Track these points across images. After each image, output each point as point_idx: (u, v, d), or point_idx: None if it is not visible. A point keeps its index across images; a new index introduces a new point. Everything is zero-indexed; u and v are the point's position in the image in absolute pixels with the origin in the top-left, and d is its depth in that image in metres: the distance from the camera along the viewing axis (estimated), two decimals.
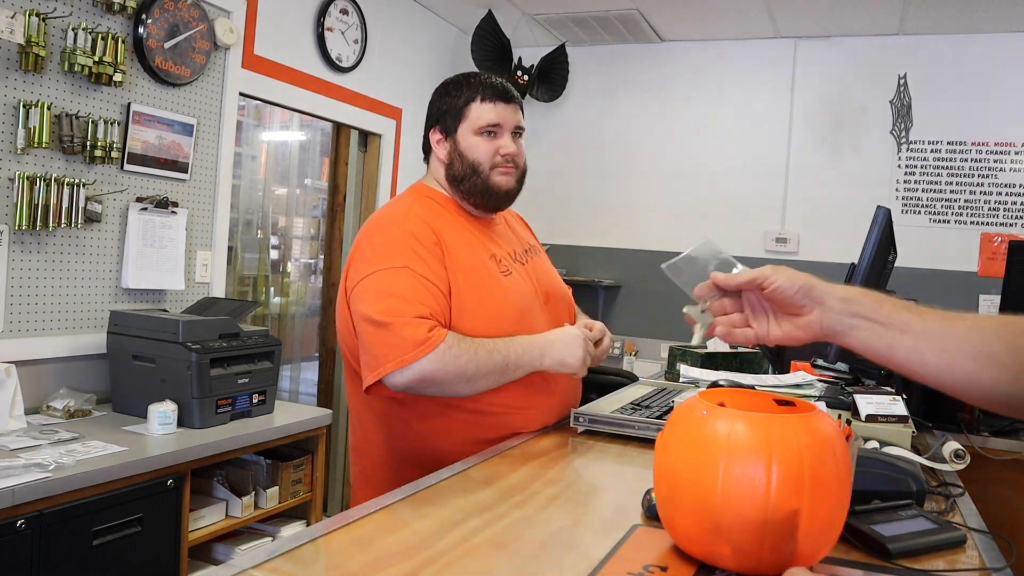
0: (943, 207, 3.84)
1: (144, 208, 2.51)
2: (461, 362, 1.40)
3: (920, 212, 3.87)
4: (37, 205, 2.17)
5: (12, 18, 2.03)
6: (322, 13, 3.29)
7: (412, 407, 1.52)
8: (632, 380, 2.59)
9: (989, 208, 3.76)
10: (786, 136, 4.10)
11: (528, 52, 4.21)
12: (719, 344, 3.20)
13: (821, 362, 2.02)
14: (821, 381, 1.92)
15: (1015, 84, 3.71)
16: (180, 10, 2.56)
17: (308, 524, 2.52)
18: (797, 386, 1.86)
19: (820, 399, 1.70)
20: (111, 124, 2.36)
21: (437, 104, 1.64)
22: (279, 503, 2.43)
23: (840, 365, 1.95)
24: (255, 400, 2.38)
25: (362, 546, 0.94)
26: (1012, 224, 3.72)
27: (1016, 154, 3.72)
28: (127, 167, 2.46)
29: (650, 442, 1.44)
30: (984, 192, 3.77)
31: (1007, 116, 3.72)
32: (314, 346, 3.91)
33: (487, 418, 1.52)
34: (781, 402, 0.95)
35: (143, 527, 1.91)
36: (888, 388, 1.68)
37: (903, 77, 3.88)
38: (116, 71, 2.34)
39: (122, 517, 1.86)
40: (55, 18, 2.20)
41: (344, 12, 3.41)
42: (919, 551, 0.96)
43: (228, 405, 2.29)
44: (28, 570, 1.65)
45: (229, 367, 2.29)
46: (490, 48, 4.06)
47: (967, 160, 3.79)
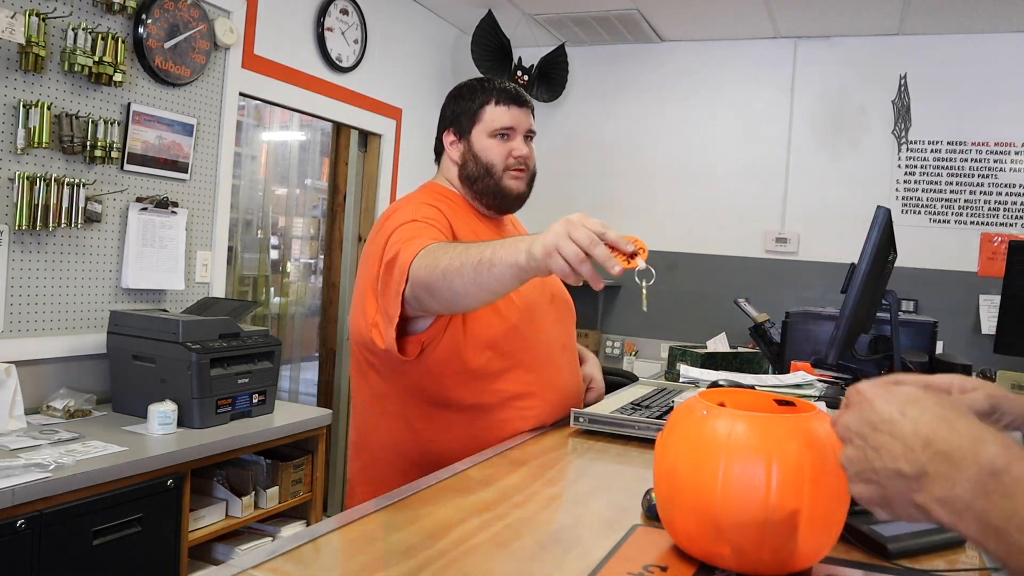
0: (943, 207, 3.84)
1: (144, 208, 2.51)
2: (438, 254, 1.30)
3: (920, 212, 3.87)
4: (37, 205, 2.17)
5: (12, 18, 2.03)
6: (322, 13, 3.29)
7: (415, 404, 1.52)
8: (632, 380, 2.59)
9: (989, 208, 3.76)
10: (786, 136, 4.10)
11: (528, 52, 4.21)
12: (719, 344, 3.20)
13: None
14: (821, 381, 1.92)
15: (1015, 84, 3.71)
16: (180, 10, 2.56)
17: (308, 524, 2.52)
18: (797, 386, 1.86)
19: (820, 399, 1.70)
20: (111, 124, 2.36)
21: (451, 107, 1.67)
22: (279, 503, 2.43)
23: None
24: (255, 400, 2.38)
25: (362, 546, 0.94)
26: (1012, 224, 3.72)
27: (1016, 154, 3.72)
28: (127, 167, 2.46)
29: (650, 442, 1.44)
30: (984, 192, 3.77)
31: (1007, 116, 3.72)
32: (314, 346, 3.91)
33: (487, 414, 1.52)
34: (781, 402, 0.95)
35: (143, 527, 1.91)
36: None
37: (903, 77, 3.88)
38: (116, 71, 2.34)
39: (122, 517, 1.86)
40: (55, 18, 2.20)
41: (344, 12, 3.41)
42: (919, 551, 0.96)
43: (228, 405, 2.29)
44: (28, 570, 1.65)
45: (229, 367, 2.29)
46: (490, 48, 4.06)
47: (967, 160, 3.79)
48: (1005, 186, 3.74)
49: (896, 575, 0.91)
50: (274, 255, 4.00)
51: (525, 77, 4.18)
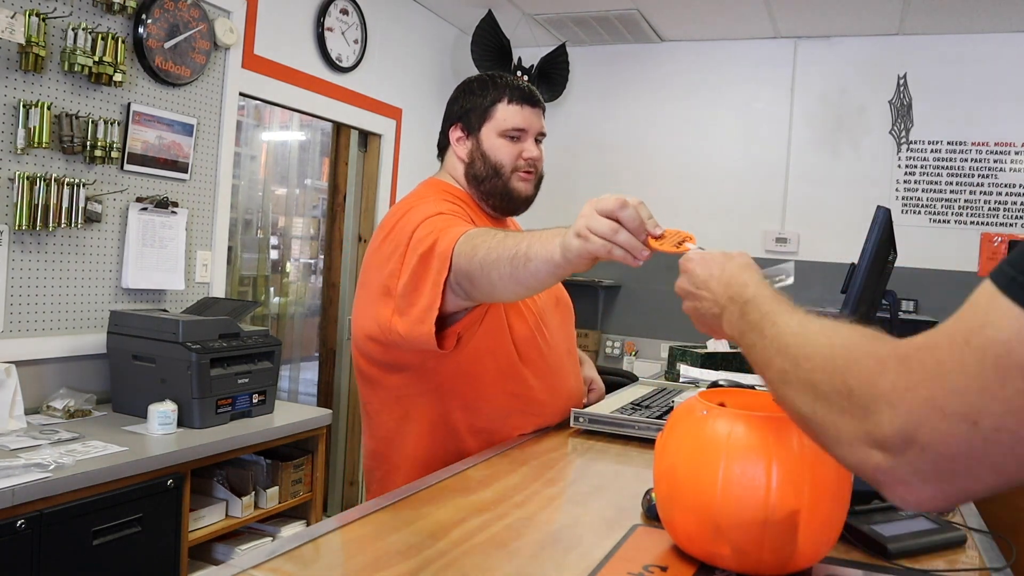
0: (943, 207, 3.84)
1: (144, 208, 2.51)
2: (476, 242, 1.27)
3: (920, 212, 3.87)
4: (37, 205, 2.17)
5: (12, 18, 2.03)
6: (322, 13, 3.29)
7: (435, 403, 1.48)
8: (632, 380, 2.59)
9: (989, 208, 3.76)
10: (786, 136, 4.10)
11: (528, 52, 4.21)
12: (719, 344, 3.20)
13: None
14: None
15: (1015, 84, 3.71)
16: (180, 10, 2.56)
17: (308, 524, 2.52)
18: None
19: None
20: (111, 124, 2.36)
21: (460, 101, 1.60)
22: (279, 503, 2.43)
23: None
24: (255, 400, 2.38)
25: (362, 546, 0.94)
26: (1012, 224, 3.72)
27: (1016, 154, 3.72)
28: (127, 167, 2.45)
29: (650, 442, 1.44)
30: (984, 192, 3.77)
31: (1007, 116, 3.72)
32: (314, 346, 3.91)
33: (506, 417, 1.51)
34: None
35: (143, 527, 1.91)
36: None
37: (903, 77, 3.88)
38: (116, 71, 2.34)
39: (122, 517, 1.86)
40: (55, 18, 2.20)
41: (344, 12, 3.41)
42: (919, 551, 0.96)
43: (228, 405, 2.29)
44: (28, 570, 1.65)
45: (229, 367, 2.29)
46: (490, 48, 4.06)
47: (967, 160, 3.79)
48: (1005, 186, 3.74)
49: (896, 575, 0.91)
50: (274, 255, 4.00)
51: (525, 77, 4.18)
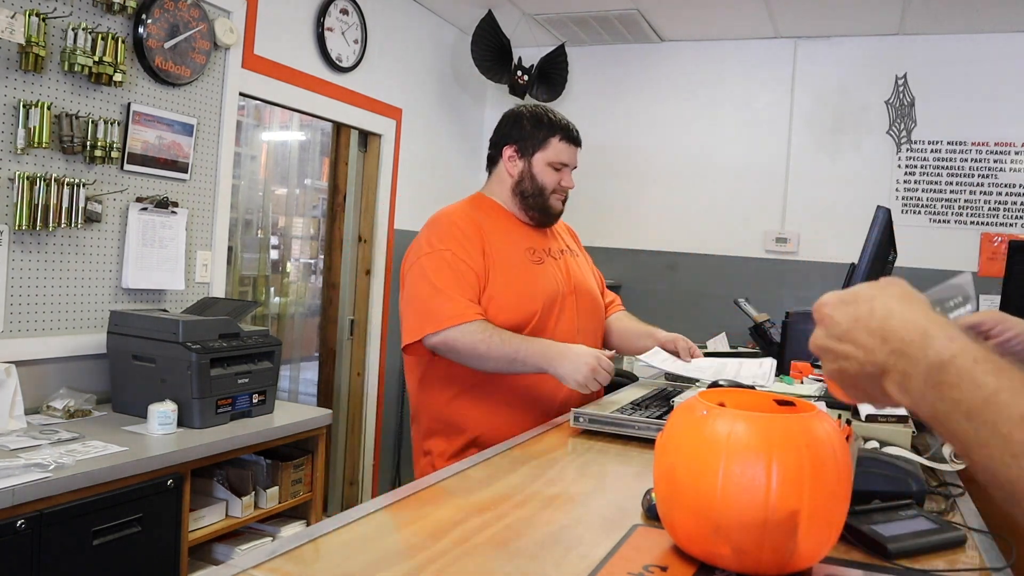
0: (943, 207, 3.84)
1: (144, 208, 2.51)
2: (477, 339, 1.71)
3: (920, 212, 3.87)
4: (37, 205, 2.17)
5: (12, 18, 2.03)
6: (322, 13, 3.29)
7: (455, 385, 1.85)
8: (632, 380, 2.59)
9: (989, 208, 3.76)
10: (786, 136, 4.10)
11: (528, 52, 4.21)
12: (719, 344, 3.19)
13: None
14: (817, 380, 1.92)
15: (1015, 84, 3.71)
16: (180, 10, 2.56)
17: (308, 524, 2.52)
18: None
19: (820, 399, 1.70)
20: (111, 124, 2.36)
21: (516, 128, 1.96)
22: (279, 503, 2.43)
23: None
24: (255, 400, 2.38)
25: (362, 546, 0.94)
26: (1012, 224, 3.72)
27: (1016, 154, 3.72)
28: (127, 167, 2.45)
29: (650, 442, 1.44)
30: (984, 192, 3.77)
31: (1007, 116, 3.72)
32: (314, 346, 3.91)
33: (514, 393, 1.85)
34: (781, 402, 0.95)
35: (143, 527, 1.91)
36: None
37: (903, 77, 3.88)
38: (116, 71, 2.34)
39: (122, 517, 1.86)
40: (55, 18, 2.20)
41: (344, 12, 3.41)
42: (919, 551, 0.96)
43: (228, 405, 2.29)
44: (28, 570, 1.65)
45: (229, 367, 2.29)
46: (490, 48, 4.05)
47: (967, 160, 3.79)
48: (1005, 186, 3.74)
49: (896, 575, 0.91)
50: (274, 255, 4.00)
51: (525, 77, 4.18)
